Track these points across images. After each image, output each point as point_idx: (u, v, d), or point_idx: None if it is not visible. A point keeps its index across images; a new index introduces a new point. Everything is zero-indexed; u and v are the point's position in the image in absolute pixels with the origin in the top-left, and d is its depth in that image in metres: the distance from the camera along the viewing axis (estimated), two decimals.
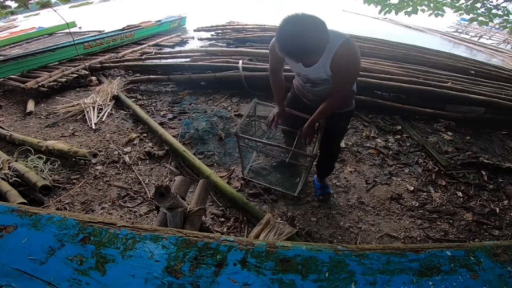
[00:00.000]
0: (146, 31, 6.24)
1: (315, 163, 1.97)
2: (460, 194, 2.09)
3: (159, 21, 6.85)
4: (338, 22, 7.81)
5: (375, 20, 9.87)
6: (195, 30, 6.67)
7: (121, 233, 0.75)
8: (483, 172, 2.28)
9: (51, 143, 2.38)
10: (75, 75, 3.90)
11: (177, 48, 5.67)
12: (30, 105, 3.28)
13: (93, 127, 2.85)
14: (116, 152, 2.49)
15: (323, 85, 1.45)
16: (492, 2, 3.36)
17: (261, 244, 0.74)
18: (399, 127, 2.83)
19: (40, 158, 2.27)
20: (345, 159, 2.40)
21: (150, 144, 2.58)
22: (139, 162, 2.38)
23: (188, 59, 4.20)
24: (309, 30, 1.05)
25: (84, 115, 3.05)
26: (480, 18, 3.32)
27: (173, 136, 2.60)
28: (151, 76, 3.80)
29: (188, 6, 10.11)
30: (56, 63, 4.44)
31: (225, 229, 1.79)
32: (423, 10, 3.41)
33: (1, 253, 0.70)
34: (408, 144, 2.61)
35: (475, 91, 3.09)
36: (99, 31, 6.65)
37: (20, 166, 2.12)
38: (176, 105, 3.29)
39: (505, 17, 3.49)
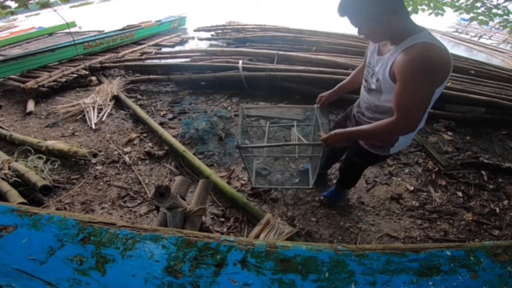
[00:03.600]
0: (146, 31, 6.24)
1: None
2: (460, 194, 2.09)
3: (159, 21, 6.86)
4: (338, 23, 7.80)
5: None
6: (195, 30, 6.67)
7: (121, 233, 0.75)
8: (483, 172, 2.28)
9: (51, 143, 2.38)
10: (75, 75, 3.90)
11: (177, 48, 5.67)
12: (30, 105, 3.28)
13: (93, 127, 2.85)
14: (116, 152, 2.49)
15: (372, 95, 1.23)
16: (492, 1, 3.36)
17: (261, 244, 0.74)
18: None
19: (40, 158, 2.27)
20: None
21: (150, 144, 2.58)
22: (139, 162, 2.38)
23: (188, 59, 4.20)
24: None
25: (84, 115, 3.05)
26: (480, 18, 3.32)
27: (173, 136, 2.60)
28: (151, 76, 3.80)
29: (188, 6, 10.12)
30: (56, 63, 4.44)
31: (225, 229, 1.79)
32: (423, 10, 3.42)
33: (1, 253, 0.70)
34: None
35: (475, 91, 3.09)
36: (99, 31, 6.66)
37: (20, 166, 2.12)
38: (176, 105, 3.29)
39: (505, 17, 3.50)
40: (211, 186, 1.43)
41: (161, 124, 2.83)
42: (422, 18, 4.05)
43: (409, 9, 3.38)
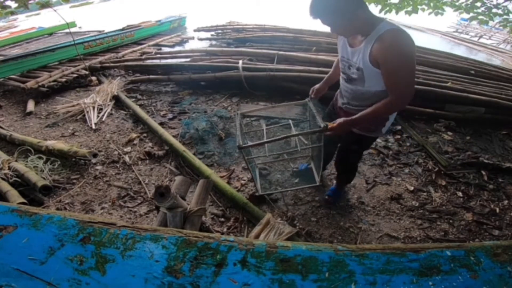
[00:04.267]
0: (146, 31, 6.25)
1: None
2: (460, 194, 2.09)
3: (159, 21, 6.86)
4: None
5: None
6: (195, 30, 6.67)
7: (121, 233, 0.75)
8: (483, 172, 2.28)
9: (51, 143, 2.38)
10: (75, 75, 3.91)
11: (177, 48, 5.68)
12: (30, 105, 3.28)
13: (93, 127, 2.85)
14: (116, 152, 2.49)
15: (355, 84, 1.31)
16: (492, 1, 3.35)
17: (261, 244, 0.74)
18: (399, 127, 2.83)
19: (40, 158, 2.27)
20: None
21: (150, 144, 2.58)
22: (139, 162, 2.38)
23: (188, 59, 4.20)
24: None
25: (84, 115, 3.05)
26: (480, 17, 3.32)
27: (173, 136, 2.60)
28: (151, 76, 3.80)
29: (188, 6, 10.12)
30: (56, 63, 4.45)
31: (225, 229, 1.79)
32: (423, 9, 3.41)
33: (1, 253, 0.70)
34: (408, 144, 2.61)
35: (475, 91, 3.09)
36: (99, 31, 6.66)
37: (20, 166, 2.12)
38: (176, 105, 3.29)
39: (505, 16, 3.50)
40: (211, 186, 1.43)
41: (161, 124, 2.83)
42: (422, 18, 4.06)
43: (409, 8, 3.38)
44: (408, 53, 1.09)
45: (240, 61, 3.60)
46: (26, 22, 10.56)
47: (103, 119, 3.00)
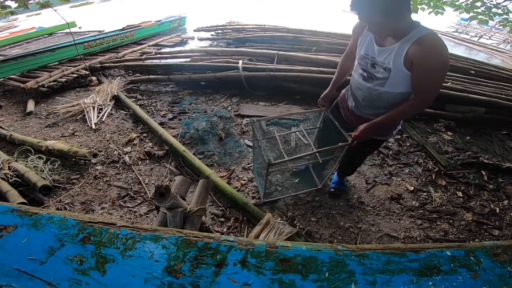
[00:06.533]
0: (146, 31, 6.24)
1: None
2: (460, 194, 2.09)
3: (159, 21, 6.85)
4: (338, 22, 7.81)
5: None
6: (195, 30, 6.67)
7: (121, 233, 0.75)
8: (483, 172, 2.28)
9: (51, 143, 2.38)
10: (75, 75, 3.90)
11: (177, 48, 5.67)
12: (30, 105, 3.28)
13: (93, 127, 2.85)
14: (116, 152, 2.49)
15: (375, 83, 1.27)
16: (492, 1, 3.36)
17: (261, 244, 0.74)
18: (399, 127, 2.83)
19: (40, 158, 2.27)
20: None
21: (150, 144, 2.58)
22: (139, 162, 2.38)
23: (188, 59, 4.20)
24: None
25: (84, 115, 3.05)
26: (480, 17, 3.32)
27: (173, 136, 2.60)
28: (151, 76, 3.80)
29: (188, 6, 10.11)
30: (56, 63, 4.44)
31: (225, 229, 1.79)
32: (423, 9, 3.42)
33: (1, 253, 0.70)
34: (408, 144, 2.61)
35: (475, 91, 3.09)
36: (99, 31, 6.65)
37: (20, 166, 2.12)
38: (176, 105, 3.29)
39: (505, 16, 3.50)
40: (211, 186, 1.43)
41: (161, 124, 2.83)
42: (422, 18, 4.06)
43: None
44: (445, 59, 1.09)
45: (240, 61, 3.60)
46: (26, 22, 10.55)
47: (103, 119, 3.00)
